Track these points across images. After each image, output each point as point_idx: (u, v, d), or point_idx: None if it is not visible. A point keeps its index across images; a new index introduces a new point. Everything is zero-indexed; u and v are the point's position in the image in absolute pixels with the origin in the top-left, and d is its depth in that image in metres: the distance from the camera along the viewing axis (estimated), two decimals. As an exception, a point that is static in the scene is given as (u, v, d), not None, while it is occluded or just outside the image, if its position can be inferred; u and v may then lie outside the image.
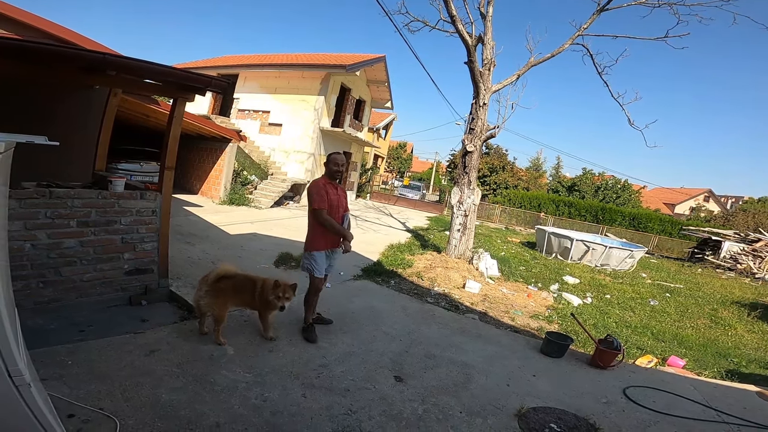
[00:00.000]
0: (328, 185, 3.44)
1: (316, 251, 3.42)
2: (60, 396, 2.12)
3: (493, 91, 7.57)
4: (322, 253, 3.44)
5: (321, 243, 3.43)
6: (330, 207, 3.37)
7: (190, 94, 3.78)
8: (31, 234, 2.95)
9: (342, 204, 3.54)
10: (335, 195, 3.46)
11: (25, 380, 1.36)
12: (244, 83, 15.20)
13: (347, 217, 3.58)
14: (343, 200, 3.56)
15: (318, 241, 3.42)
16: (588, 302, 6.62)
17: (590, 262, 10.66)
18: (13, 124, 4.51)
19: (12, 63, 2.82)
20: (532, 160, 32.04)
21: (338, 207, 3.48)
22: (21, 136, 1.44)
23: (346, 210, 3.60)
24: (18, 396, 1.37)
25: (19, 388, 1.36)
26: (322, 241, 3.42)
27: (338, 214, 3.47)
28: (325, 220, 3.34)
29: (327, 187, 3.41)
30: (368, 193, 22.13)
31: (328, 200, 3.36)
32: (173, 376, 2.57)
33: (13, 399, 1.37)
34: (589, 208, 21.97)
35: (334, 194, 3.45)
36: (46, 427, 1.48)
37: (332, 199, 3.41)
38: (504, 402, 2.91)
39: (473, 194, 7.60)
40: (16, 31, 4.68)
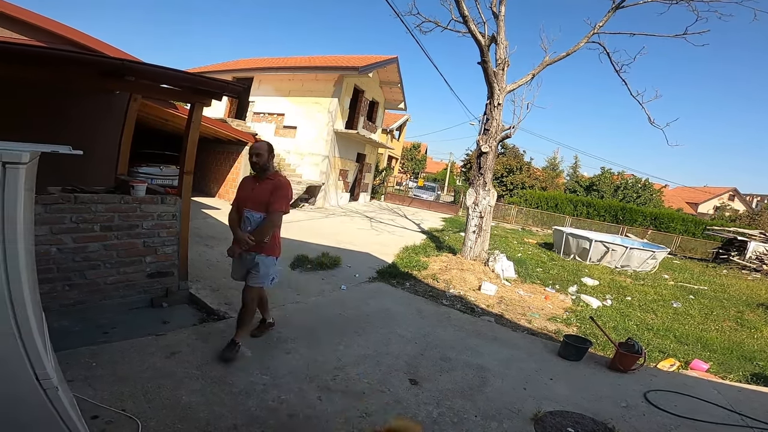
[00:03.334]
0: (250, 179, 3.11)
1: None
2: (85, 398, 2.18)
3: (508, 91, 7.49)
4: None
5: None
6: (239, 202, 3.07)
7: (207, 98, 3.86)
8: (57, 238, 3.05)
9: (256, 199, 2.98)
10: (248, 190, 3.04)
11: (53, 383, 1.41)
12: (259, 86, 15.40)
13: (250, 216, 3.00)
14: (260, 195, 2.97)
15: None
16: (608, 304, 6.48)
17: (610, 263, 10.43)
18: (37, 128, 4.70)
19: (36, 69, 2.93)
20: (549, 160, 31.52)
21: (246, 202, 3.02)
22: (46, 146, 1.49)
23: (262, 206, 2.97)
24: (46, 399, 1.41)
25: (47, 391, 1.40)
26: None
27: (242, 211, 3.04)
28: (228, 217, 3.14)
29: (245, 181, 3.13)
30: (382, 194, 22.16)
31: (238, 195, 3.08)
32: (193, 378, 2.63)
33: (41, 402, 1.41)
34: (608, 208, 21.50)
35: (249, 189, 3.04)
36: (71, 429, 1.53)
37: (241, 193, 3.07)
38: (520, 406, 2.88)
39: (489, 195, 7.53)
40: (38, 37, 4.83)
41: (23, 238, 1.23)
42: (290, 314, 4.02)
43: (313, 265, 5.92)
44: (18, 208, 1.19)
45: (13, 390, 1.39)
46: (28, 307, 1.28)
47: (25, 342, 1.31)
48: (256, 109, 15.52)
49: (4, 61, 2.72)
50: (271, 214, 2.95)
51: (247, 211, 3.00)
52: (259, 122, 15.36)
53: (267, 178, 3.02)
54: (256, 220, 2.98)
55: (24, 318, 1.28)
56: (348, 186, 17.02)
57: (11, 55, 2.77)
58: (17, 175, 1.18)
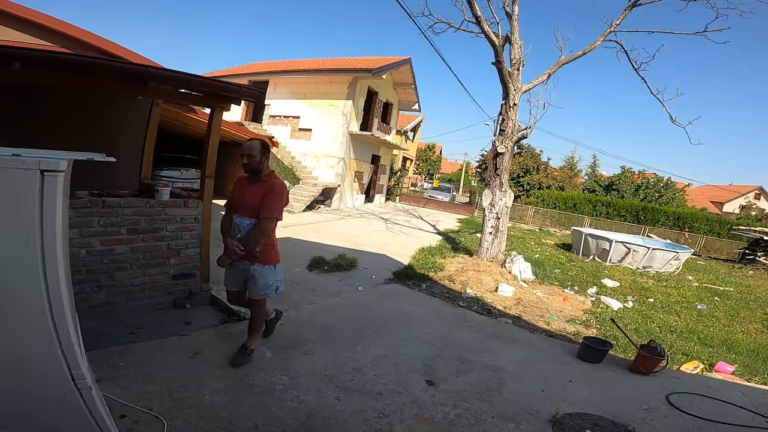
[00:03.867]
0: (244, 181, 2.88)
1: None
2: (113, 397, 2.24)
3: (524, 91, 7.43)
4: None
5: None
6: (231, 206, 2.87)
7: (226, 103, 3.95)
8: (86, 241, 3.18)
9: (246, 204, 2.77)
10: (241, 192, 2.83)
11: (87, 384, 1.46)
12: (274, 89, 15.60)
13: (239, 223, 2.79)
14: (251, 200, 2.76)
15: None
16: (629, 306, 6.35)
17: (631, 264, 10.21)
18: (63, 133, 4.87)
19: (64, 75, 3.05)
20: (567, 159, 30.96)
21: (237, 206, 2.82)
22: (82, 154, 1.57)
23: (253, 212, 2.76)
24: (80, 399, 1.47)
25: (82, 391, 1.46)
26: None
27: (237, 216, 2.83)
28: (221, 221, 2.94)
29: (239, 182, 2.91)
30: (397, 195, 22.18)
31: (231, 198, 2.89)
32: (215, 377, 2.69)
33: (75, 401, 1.46)
34: (629, 208, 21.00)
35: (241, 191, 2.83)
36: (102, 428, 1.57)
37: (234, 196, 2.86)
38: (538, 407, 2.86)
39: (505, 196, 7.47)
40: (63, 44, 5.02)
41: (60, 243, 1.30)
42: (308, 315, 4.07)
43: (330, 266, 5.98)
44: (56, 214, 1.26)
45: (49, 390, 1.45)
46: (66, 310, 1.34)
47: (63, 343, 1.36)
48: (271, 112, 15.75)
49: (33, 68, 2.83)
50: (261, 221, 2.72)
51: (237, 217, 2.79)
52: (275, 125, 15.59)
53: (260, 181, 2.79)
54: (246, 227, 2.75)
55: (61, 320, 1.34)
56: (363, 188, 17.10)
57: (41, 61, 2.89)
58: (55, 183, 1.24)
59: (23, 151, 1.37)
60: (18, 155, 1.26)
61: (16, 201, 1.23)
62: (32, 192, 1.21)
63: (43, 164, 1.22)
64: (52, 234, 1.26)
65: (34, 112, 4.64)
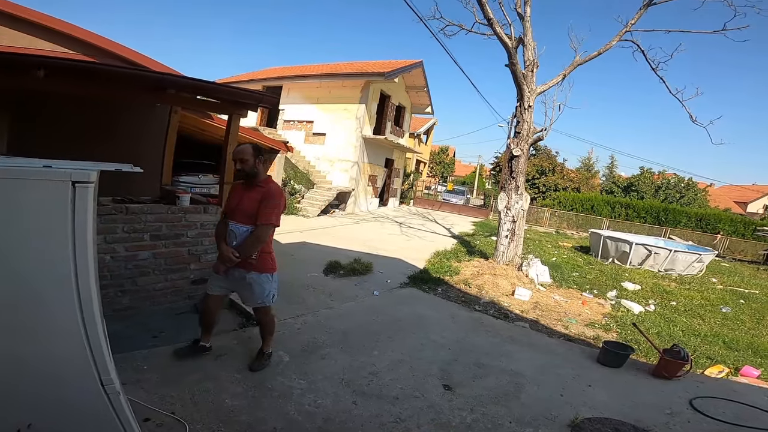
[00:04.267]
0: (239, 186, 2.82)
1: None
2: (138, 401, 2.26)
3: (538, 92, 7.37)
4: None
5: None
6: (227, 212, 2.83)
7: (244, 110, 4.01)
8: (111, 247, 3.28)
9: (243, 210, 2.71)
10: (236, 198, 2.78)
11: (115, 389, 1.51)
12: (288, 94, 15.76)
13: (234, 229, 2.71)
14: (248, 206, 2.70)
15: None
16: (651, 310, 6.21)
17: (652, 267, 9.97)
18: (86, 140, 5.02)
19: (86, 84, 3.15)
20: (583, 161, 30.47)
21: (234, 212, 2.75)
22: (110, 165, 1.63)
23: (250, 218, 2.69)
24: (108, 403, 1.51)
25: (110, 396, 1.50)
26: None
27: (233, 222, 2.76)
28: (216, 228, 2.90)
29: (235, 188, 2.85)
30: (411, 198, 22.16)
31: (227, 204, 2.85)
32: (235, 381, 2.73)
33: (104, 406, 1.51)
34: (649, 210, 20.49)
35: (237, 198, 2.77)
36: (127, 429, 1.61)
37: (230, 202, 2.81)
38: (557, 412, 2.82)
39: (521, 199, 7.40)
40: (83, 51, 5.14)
41: (91, 251, 1.36)
42: (325, 320, 4.11)
43: (345, 271, 6.02)
44: (87, 223, 1.31)
45: (79, 395, 1.50)
46: (96, 316, 1.39)
47: (93, 349, 1.41)
48: (286, 117, 15.93)
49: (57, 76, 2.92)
50: (258, 227, 2.66)
51: (232, 223, 2.71)
52: (289, 130, 15.77)
53: (256, 186, 2.73)
54: (243, 234, 2.69)
55: (92, 326, 1.39)
56: (377, 191, 17.15)
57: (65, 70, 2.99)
58: (86, 194, 1.30)
59: (54, 162, 1.43)
60: (49, 167, 1.32)
61: (49, 211, 1.28)
62: (64, 203, 1.27)
63: (74, 176, 1.27)
64: (83, 243, 1.31)
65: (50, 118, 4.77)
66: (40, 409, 1.48)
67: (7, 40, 4.56)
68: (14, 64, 2.73)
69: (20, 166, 1.32)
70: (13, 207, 1.26)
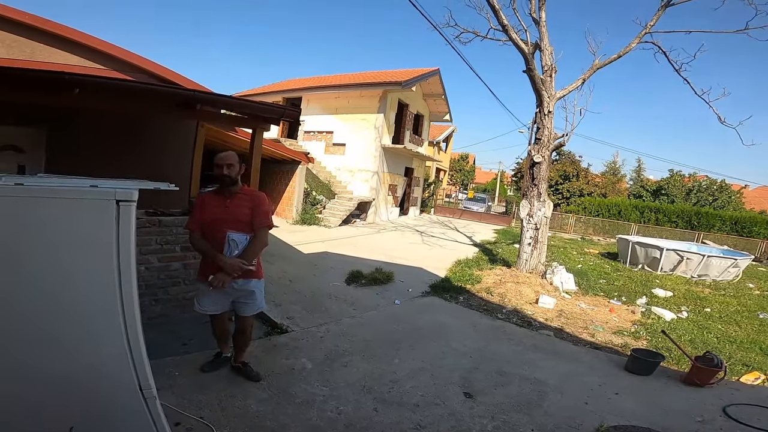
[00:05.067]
0: (213, 196, 2.66)
1: (198, 280, 2.80)
2: (170, 405, 2.33)
3: (558, 97, 7.32)
4: (202, 283, 2.72)
5: (201, 270, 2.74)
6: (207, 224, 2.60)
7: (267, 124, 4.17)
8: (145, 258, 3.47)
9: (235, 219, 2.61)
10: (219, 208, 2.61)
11: (153, 393, 1.60)
12: (307, 105, 16.01)
13: (231, 239, 2.60)
14: (239, 214, 2.62)
15: (200, 268, 2.77)
16: (683, 317, 6.00)
17: (685, 273, 9.61)
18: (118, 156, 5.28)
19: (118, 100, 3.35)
20: (608, 164, 29.69)
21: (222, 222, 2.59)
22: (150, 183, 1.77)
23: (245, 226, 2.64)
24: (145, 407, 1.60)
25: (147, 400, 1.60)
26: (202, 268, 2.73)
27: (221, 233, 2.58)
28: (193, 243, 2.67)
29: (208, 199, 2.66)
30: (432, 207, 22.12)
31: (203, 216, 2.61)
32: (260, 388, 2.81)
33: (141, 410, 1.60)
34: (680, 214, 19.76)
35: (219, 207, 2.61)
36: None
37: (209, 213, 2.61)
38: (581, 420, 2.78)
39: (544, 206, 7.32)
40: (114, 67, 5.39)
41: (133, 263, 1.47)
42: (347, 328, 4.17)
43: (367, 280, 6.08)
44: (130, 238, 1.43)
45: (120, 399, 1.59)
46: (137, 324, 1.50)
47: (134, 356, 1.52)
48: (306, 128, 16.23)
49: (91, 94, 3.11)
50: (260, 231, 2.66)
51: (232, 233, 2.59)
52: (309, 141, 16.06)
53: (238, 193, 2.66)
54: (243, 242, 2.62)
55: (134, 335, 1.50)
56: (397, 200, 17.23)
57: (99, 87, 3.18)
58: (129, 211, 1.42)
59: (99, 182, 1.57)
60: (96, 186, 1.46)
61: (96, 227, 1.41)
62: (109, 220, 1.40)
63: (118, 195, 1.40)
64: (126, 257, 1.43)
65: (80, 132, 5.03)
66: (82, 413, 1.58)
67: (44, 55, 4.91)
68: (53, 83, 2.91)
69: (70, 186, 1.46)
70: (64, 223, 1.39)
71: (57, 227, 1.39)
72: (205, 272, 2.65)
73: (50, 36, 4.97)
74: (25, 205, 1.36)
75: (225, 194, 2.64)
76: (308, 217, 11.98)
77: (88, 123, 4.94)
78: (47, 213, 1.38)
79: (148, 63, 5.74)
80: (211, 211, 2.61)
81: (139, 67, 5.63)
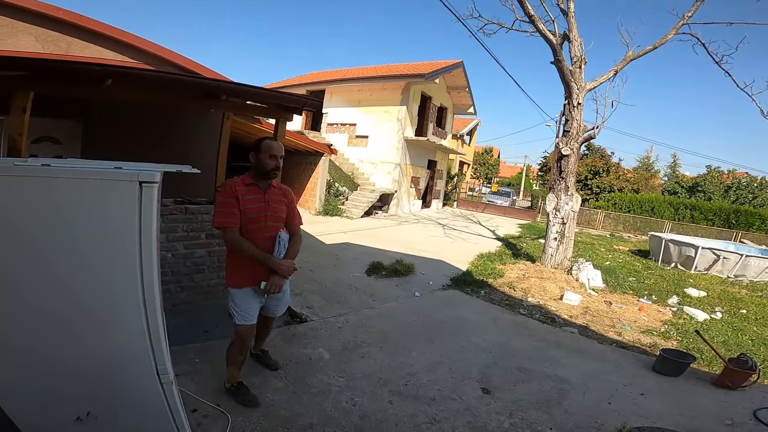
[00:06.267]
0: (248, 188, 2.28)
1: (234, 287, 2.35)
2: (188, 392, 2.39)
3: (588, 89, 7.04)
4: (243, 290, 2.34)
5: (240, 276, 2.33)
6: (249, 221, 2.26)
7: (290, 114, 4.20)
8: (172, 245, 3.56)
9: (275, 215, 2.35)
10: (258, 201, 2.30)
11: (170, 378, 1.61)
12: (330, 98, 16.06)
13: (282, 238, 2.36)
14: (278, 209, 2.37)
15: (236, 273, 2.34)
16: (717, 318, 5.72)
17: (721, 272, 9.15)
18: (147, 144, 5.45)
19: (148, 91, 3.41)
20: (641, 159, 28.51)
21: (265, 219, 2.30)
22: (172, 166, 1.78)
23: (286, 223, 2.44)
24: (161, 392, 1.61)
25: (164, 385, 1.60)
26: (241, 273, 2.33)
27: (265, 231, 2.31)
28: (234, 243, 2.23)
29: (242, 190, 2.26)
30: (454, 200, 21.87)
31: (244, 211, 2.24)
32: (277, 377, 2.83)
33: (157, 394, 1.61)
34: (717, 211, 18.79)
35: (257, 200, 2.29)
36: (177, 420, 1.71)
37: (251, 208, 2.27)
38: (603, 420, 2.69)
39: (572, 200, 7.09)
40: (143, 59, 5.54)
41: (155, 246, 1.49)
42: (366, 319, 4.18)
43: (387, 272, 6.08)
44: (153, 221, 1.44)
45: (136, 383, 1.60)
46: (157, 309, 1.52)
47: (153, 340, 1.53)
48: (329, 120, 16.30)
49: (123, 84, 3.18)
50: (299, 230, 2.46)
51: (281, 232, 2.37)
52: (332, 133, 16.12)
53: (273, 187, 2.39)
54: (287, 242, 2.39)
55: (154, 318, 1.51)
56: (420, 193, 17.11)
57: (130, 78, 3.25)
58: (152, 193, 1.42)
59: (123, 164, 1.60)
60: (120, 168, 1.48)
61: (118, 209, 1.42)
62: (132, 201, 1.40)
63: (141, 176, 1.41)
64: (148, 239, 1.44)
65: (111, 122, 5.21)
66: (99, 397, 1.60)
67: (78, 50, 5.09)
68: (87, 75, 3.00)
69: (95, 168, 1.48)
70: (88, 204, 1.41)
71: (82, 208, 1.41)
72: (246, 277, 2.31)
73: (84, 31, 5.15)
74: (52, 186, 1.39)
75: (261, 186, 2.32)
76: (330, 208, 12.07)
77: (120, 116, 5.11)
78: (73, 193, 1.40)
79: (175, 55, 5.88)
80: (251, 206, 2.27)
81: (166, 60, 5.77)
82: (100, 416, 1.60)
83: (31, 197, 1.39)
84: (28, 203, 1.39)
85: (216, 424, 2.24)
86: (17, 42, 4.78)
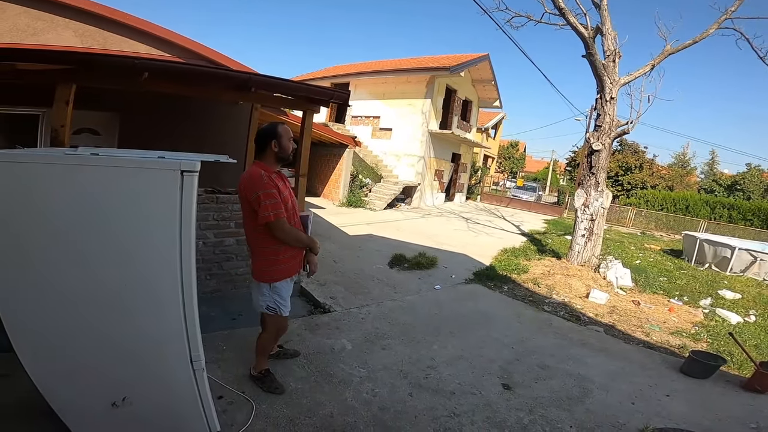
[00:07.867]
0: (269, 177, 2.22)
1: (281, 280, 2.36)
2: (215, 378, 2.46)
3: (622, 84, 6.80)
4: (285, 282, 2.40)
5: (283, 268, 2.36)
6: (286, 209, 2.26)
7: (317, 106, 4.26)
8: (203, 233, 3.69)
9: (294, 201, 2.42)
10: (286, 188, 2.34)
11: (201, 365, 1.66)
12: (355, 90, 15.93)
13: (311, 218, 2.50)
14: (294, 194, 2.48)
15: (277, 266, 2.34)
16: (751, 321, 5.49)
17: (757, 275, 8.73)
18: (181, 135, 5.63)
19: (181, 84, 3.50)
20: (677, 156, 27.31)
21: (293, 203, 2.38)
22: (211, 156, 1.85)
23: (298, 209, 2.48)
24: (192, 378, 1.67)
25: (196, 372, 1.66)
26: (284, 265, 2.35)
27: (295, 216, 2.37)
28: (291, 233, 2.26)
29: (273, 180, 2.23)
30: (478, 194, 21.60)
31: (285, 201, 2.27)
32: (300, 366, 2.89)
33: (188, 380, 1.66)
34: (757, 211, 17.82)
35: (285, 187, 2.34)
36: (204, 406, 1.77)
37: (285, 195, 2.29)
38: (625, 420, 2.66)
39: (602, 197, 6.90)
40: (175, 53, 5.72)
41: (193, 234, 1.55)
42: (388, 311, 4.22)
43: (410, 264, 6.10)
44: (192, 209, 1.51)
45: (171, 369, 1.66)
46: (193, 296, 1.58)
47: (188, 327, 1.59)
48: (353, 113, 16.29)
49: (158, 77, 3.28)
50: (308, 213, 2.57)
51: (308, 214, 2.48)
52: (356, 125, 16.15)
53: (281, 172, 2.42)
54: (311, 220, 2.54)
55: (190, 305, 1.58)
56: (443, 186, 16.98)
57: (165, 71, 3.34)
58: (192, 182, 1.49)
59: (166, 153, 1.67)
60: (163, 157, 1.55)
61: (161, 197, 1.49)
62: (174, 188, 1.47)
63: (183, 165, 1.48)
64: (188, 227, 1.51)
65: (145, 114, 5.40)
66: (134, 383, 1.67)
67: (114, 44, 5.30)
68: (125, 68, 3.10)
69: (139, 157, 1.56)
70: (133, 192, 1.49)
71: (127, 195, 1.48)
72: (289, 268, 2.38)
73: (120, 26, 5.34)
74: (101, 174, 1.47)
75: (279, 175, 2.35)
76: (354, 200, 12.17)
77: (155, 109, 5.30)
78: (121, 181, 1.47)
79: (205, 49, 6.03)
80: (285, 194, 2.29)
81: (195, 53, 5.93)
82: (135, 402, 1.66)
83: (83, 185, 1.46)
84: (82, 191, 1.46)
85: (241, 411, 2.29)
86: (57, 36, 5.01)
